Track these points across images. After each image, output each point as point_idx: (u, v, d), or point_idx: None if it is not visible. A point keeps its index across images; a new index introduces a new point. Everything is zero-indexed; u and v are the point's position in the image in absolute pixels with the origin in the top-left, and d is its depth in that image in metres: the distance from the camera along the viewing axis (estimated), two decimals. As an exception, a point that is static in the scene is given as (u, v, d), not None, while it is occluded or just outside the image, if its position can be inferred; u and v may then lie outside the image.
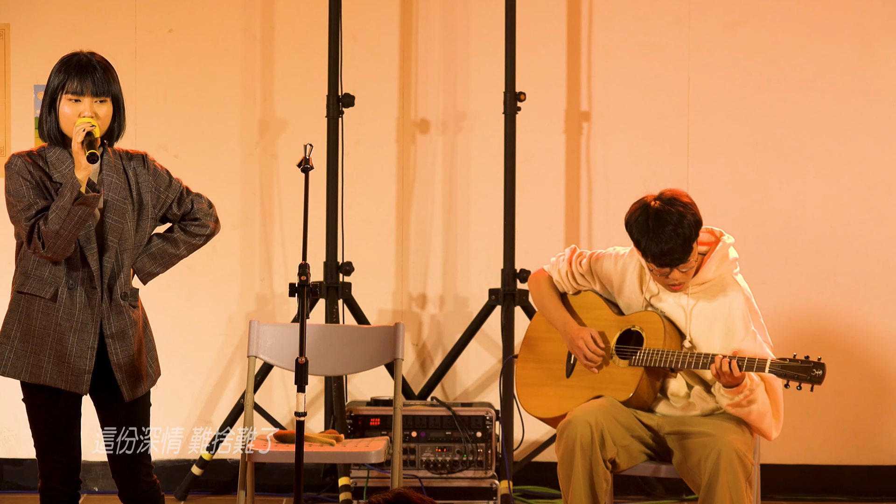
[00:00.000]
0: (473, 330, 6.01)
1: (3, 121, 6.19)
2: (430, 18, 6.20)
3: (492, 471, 5.63)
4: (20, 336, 3.92)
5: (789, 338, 6.02)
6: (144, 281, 4.07)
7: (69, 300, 3.90)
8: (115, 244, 3.93)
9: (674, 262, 4.28)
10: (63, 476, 3.95)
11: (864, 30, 6.11)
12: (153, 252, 4.04)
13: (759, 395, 4.31)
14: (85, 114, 3.86)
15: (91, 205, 3.80)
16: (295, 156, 6.10)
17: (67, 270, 3.90)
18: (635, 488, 6.02)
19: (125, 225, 3.94)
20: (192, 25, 6.19)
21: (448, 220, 6.22)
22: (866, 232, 6.11)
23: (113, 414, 4.00)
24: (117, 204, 3.93)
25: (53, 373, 3.90)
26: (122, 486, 4.03)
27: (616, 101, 6.17)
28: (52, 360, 3.90)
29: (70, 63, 3.91)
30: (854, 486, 6.12)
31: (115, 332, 3.93)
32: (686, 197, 4.34)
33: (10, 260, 6.19)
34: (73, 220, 3.78)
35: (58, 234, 3.79)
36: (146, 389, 4.02)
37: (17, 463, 6.17)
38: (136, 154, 4.02)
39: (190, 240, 4.10)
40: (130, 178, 3.98)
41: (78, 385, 3.90)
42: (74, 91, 3.88)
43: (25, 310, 3.92)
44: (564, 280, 4.64)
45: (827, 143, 6.12)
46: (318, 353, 4.96)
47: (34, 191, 3.86)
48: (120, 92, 3.96)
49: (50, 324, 3.89)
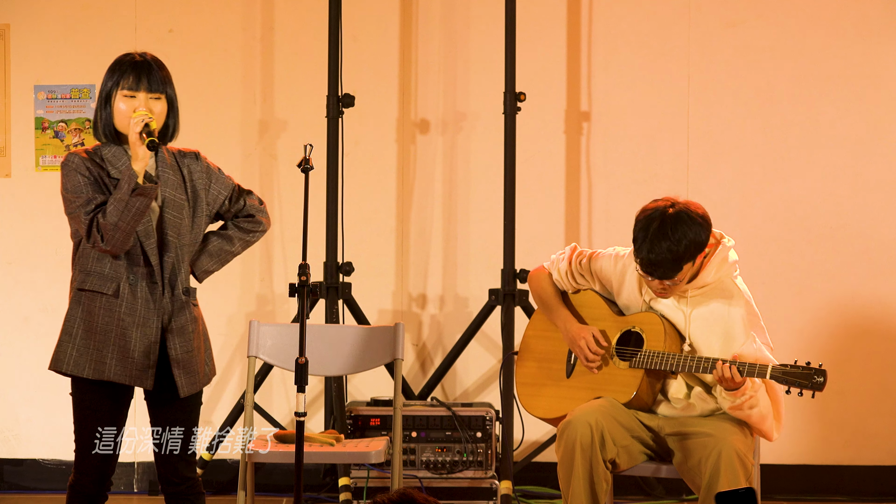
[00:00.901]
0: (473, 330, 6.01)
1: (3, 121, 6.18)
2: (430, 18, 6.20)
3: (492, 471, 5.63)
4: (82, 333, 3.94)
5: (789, 338, 6.02)
6: (200, 279, 4.10)
7: (131, 295, 3.92)
8: (175, 240, 3.96)
9: (661, 275, 4.28)
10: (97, 473, 3.97)
11: (864, 30, 6.11)
12: (210, 249, 4.09)
13: (760, 397, 4.31)
14: (140, 109, 3.90)
15: (148, 195, 3.83)
16: (295, 156, 6.09)
17: (128, 266, 3.93)
18: (635, 488, 6.02)
19: (183, 221, 3.98)
20: (192, 25, 6.19)
21: (448, 220, 6.22)
22: (866, 232, 6.11)
23: (167, 409, 4.02)
24: (175, 200, 3.97)
25: (117, 368, 3.91)
26: (166, 481, 4.05)
27: (616, 102, 6.17)
28: (116, 355, 3.91)
29: (125, 62, 3.97)
30: (854, 487, 6.12)
31: (175, 327, 3.97)
32: (701, 217, 4.28)
33: (10, 260, 6.22)
34: (130, 212, 3.82)
35: (116, 225, 3.82)
36: (201, 387, 4.06)
37: (16, 463, 6.17)
38: (189, 152, 4.08)
39: (244, 236, 4.14)
40: (185, 176, 4.02)
41: (142, 380, 3.93)
42: (130, 87, 3.93)
43: (87, 307, 3.94)
44: (564, 279, 4.63)
45: (827, 143, 6.12)
46: (318, 353, 4.96)
47: (92, 187, 3.89)
48: (174, 92, 4.01)
49: (112, 319, 3.92)
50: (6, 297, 6.20)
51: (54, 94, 6.17)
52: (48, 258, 6.17)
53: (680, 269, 4.26)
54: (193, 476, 4.07)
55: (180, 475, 4.04)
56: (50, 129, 6.17)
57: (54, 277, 6.15)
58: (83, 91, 6.17)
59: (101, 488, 4.00)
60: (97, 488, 3.98)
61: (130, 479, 6.13)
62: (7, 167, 6.19)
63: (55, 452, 6.17)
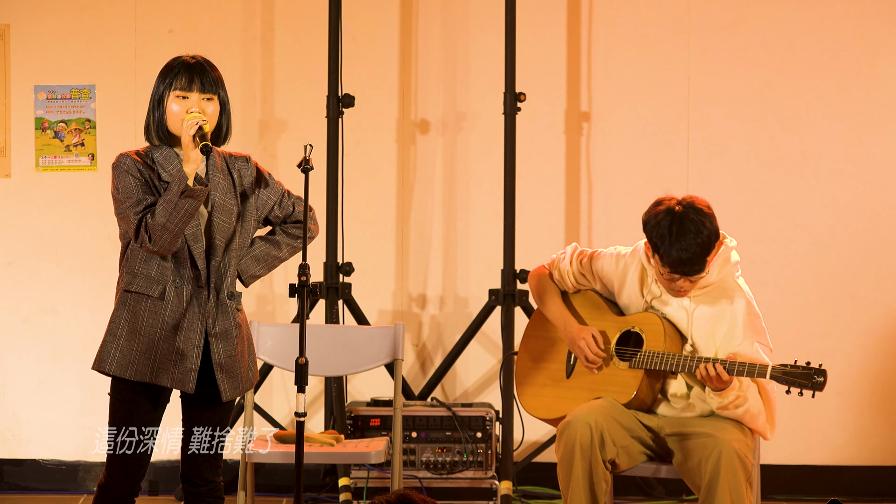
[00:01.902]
0: (473, 330, 6.01)
1: (3, 121, 6.18)
2: (430, 18, 6.20)
3: (492, 471, 5.63)
4: (126, 334, 3.92)
5: (789, 339, 6.01)
6: (247, 283, 4.09)
7: (176, 299, 3.92)
8: (223, 244, 3.95)
9: (691, 271, 4.28)
10: (128, 475, 3.96)
11: (864, 29, 6.11)
12: (257, 254, 4.07)
13: (749, 396, 4.31)
14: (193, 110, 3.90)
15: (197, 198, 3.82)
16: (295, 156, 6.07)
17: (175, 269, 3.92)
18: (635, 489, 6.02)
19: (232, 225, 3.97)
20: (192, 25, 6.19)
21: (448, 221, 6.22)
22: (866, 232, 6.11)
23: (204, 412, 4.01)
24: (224, 204, 3.96)
25: (160, 371, 3.91)
26: (188, 481, 4.04)
27: (616, 102, 6.17)
28: (160, 358, 3.91)
29: (176, 64, 3.95)
30: (854, 487, 6.12)
31: (219, 331, 3.95)
32: (707, 208, 4.32)
33: (10, 261, 6.22)
34: (179, 213, 3.80)
35: (164, 227, 3.81)
36: (244, 391, 4.05)
37: (17, 463, 6.17)
38: (241, 156, 4.08)
39: (292, 242, 4.12)
40: (235, 180, 4.02)
41: (185, 383, 3.92)
42: (182, 87, 3.92)
43: (132, 308, 3.92)
44: (565, 278, 4.63)
45: (827, 144, 6.12)
46: (318, 353, 4.96)
47: (143, 188, 3.88)
48: (226, 94, 4.01)
49: (157, 322, 3.91)
50: (6, 297, 6.20)
51: (54, 94, 6.17)
52: (48, 259, 6.17)
53: (706, 261, 4.28)
54: (216, 479, 4.06)
55: (203, 477, 4.03)
56: (50, 129, 6.17)
57: (54, 278, 6.15)
58: (83, 91, 6.17)
59: (130, 490, 3.97)
60: (126, 490, 3.97)
61: (130, 480, 6.13)
62: (7, 167, 6.19)
63: (55, 453, 6.17)
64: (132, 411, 3.95)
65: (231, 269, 3.99)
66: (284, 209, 4.12)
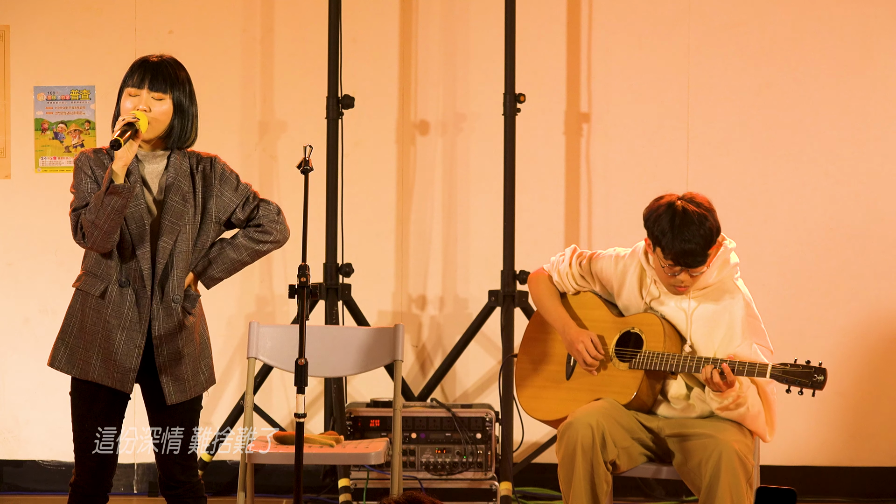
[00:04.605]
0: (473, 331, 6.00)
1: (3, 121, 6.18)
2: (430, 19, 6.20)
3: (491, 472, 5.63)
4: (75, 332, 3.95)
5: (788, 339, 6.01)
6: (207, 286, 4.09)
7: (119, 298, 3.92)
8: (169, 245, 3.94)
9: (693, 263, 4.28)
10: (95, 476, 3.97)
11: (864, 29, 6.10)
12: (213, 256, 4.05)
13: (749, 396, 4.31)
14: (140, 107, 3.89)
15: (121, 195, 3.80)
16: (294, 157, 6.09)
17: (120, 268, 3.93)
18: (635, 490, 6.01)
19: (182, 227, 3.95)
20: (192, 26, 6.19)
21: (448, 222, 6.21)
22: (866, 232, 6.11)
23: (160, 414, 4.01)
24: (176, 206, 3.94)
25: (101, 370, 3.92)
26: (165, 484, 4.05)
27: (616, 102, 6.16)
28: (100, 357, 3.92)
29: (136, 62, 3.97)
30: (854, 488, 6.12)
31: (163, 333, 3.95)
32: (708, 203, 4.35)
33: (10, 261, 6.22)
34: (106, 210, 3.80)
35: (94, 224, 3.82)
36: (193, 395, 4.02)
37: (16, 464, 6.17)
38: (206, 157, 4.04)
39: (253, 246, 4.08)
40: (197, 182, 3.99)
41: (123, 383, 3.92)
42: (134, 85, 3.93)
43: (81, 306, 3.96)
44: (565, 280, 4.63)
45: (827, 144, 6.12)
46: (318, 354, 4.96)
47: (91, 185, 3.90)
48: (186, 96, 3.97)
49: (100, 321, 3.92)
50: (6, 298, 6.20)
51: (54, 95, 6.17)
52: (48, 259, 6.16)
53: (707, 254, 4.29)
54: (193, 479, 4.06)
55: (177, 478, 4.03)
56: (49, 130, 6.17)
57: (54, 279, 6.15)
58: (83, 92, 6.16)
59: (100, 489, 3.99)
60: (96, 488, 3.98)
61: (130, 481, 6.13)
62: (7, 168, 6.19)
63: (55, 454, 6.17)
64: (89, 409, 3.96)
65: (178, 270, 3.96)
66: (248, 212, 4.07)
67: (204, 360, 4.07)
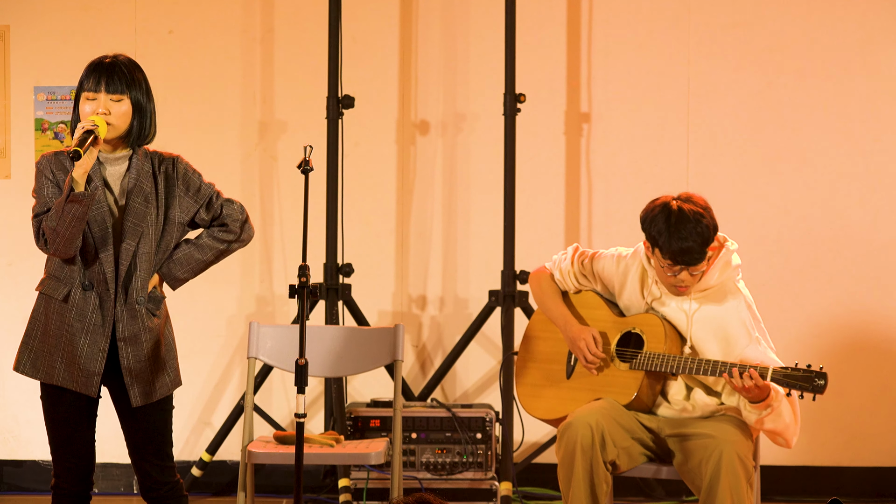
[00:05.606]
0: (473, 331, 6.01)
1: (3, 122, 6.18)
2: (430, 19, 6.20)
3: (492, 472, 5.63)
4: (39, 336, 3.95)
5: (788, 340, 6.02)
6: (173, 287, 4.07)
7: (82, 301, 3.90)
8: (132, 248, 3.91)
9: (691, 261, 4.28)
10: (74, 476, 3.97)
11: (864, 30, 6.11)
12: (179, 257, 4.02)
13: (783, 407, 4.29)
14: (99, 111, 3.87)
15: (81, 203, 3.77)
16: (295, 157, 6.10)
17: (83, 271, 3.90)
18: (635, 490, 6.01)
19: (145, 229, 3.93)
20: (192, 27, 6.19)
21: (448, 222, 6.22)
22: (866, 233, 6.11)
23: (129, 416, 4.00)
24: (138, 208, 3.92)
25: (65, 374, 3.91)
26: (143, 485, 4.04)
27: (616, 103, 6.17)
28: (64, 361, 3.91)
29: (91, 64, 3.92)
30: (854, 488, 6.12)
31: (127, 335, 3.93)
32: (704, 202, 4.35)
33: (10, 261, 6.22)
34: (67, 218, 3.77)
35: (55, 231, 3.80)
36: (159, 396, 3.99)
37: (17, 464, 6.17)
38: (169, 157, 4.01)
39: (217, 245, 4.06)
40: (159, 182, 3.97)
41: (88, 387, 3.91)
42: (90, 88, 3.89)
43: (44, 310, 3.95)
44: (566, 279, 4.64)
45: (827, 144, 6.12)
46: (318, 354, 4.96)
47: (52, 189, 3.87)
48: (143, 95, 3.93)
49: (63, 325, 3.91)
50: (6, 298, 6.20)
51: (54, 95, 6.17)
52: (48, 259, 6.16)
53: (706, 252, 4.29)
54: (171, 479, 4.03)
55: (155, 480, 4.01)
56: (50, 130, 6.17)
57: (54, 278, 6.14)
58: (83, 92, 6.16)
59: (80, 489, 3.98)
60: (77, 488, 3.97)
61: (130, 481, 6.13)
62: (7, 168, 6.19)
63: (55, 454, 6.17)
64: (58, 412, 3.94)
65: (142, 272, 3.94)
66: (212, 212, 4.05)
67: (169, 361, 4.04)
